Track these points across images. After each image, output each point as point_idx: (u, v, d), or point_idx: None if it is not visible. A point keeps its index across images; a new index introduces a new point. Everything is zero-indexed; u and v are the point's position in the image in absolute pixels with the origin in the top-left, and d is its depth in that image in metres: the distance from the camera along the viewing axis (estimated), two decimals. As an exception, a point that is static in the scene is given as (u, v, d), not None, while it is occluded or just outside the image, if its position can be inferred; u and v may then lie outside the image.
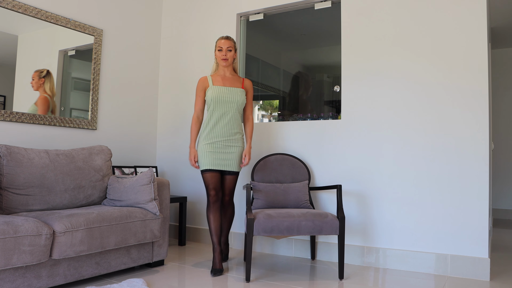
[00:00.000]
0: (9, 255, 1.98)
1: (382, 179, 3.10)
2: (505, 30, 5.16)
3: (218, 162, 2.90)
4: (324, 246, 3.27)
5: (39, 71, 3.07)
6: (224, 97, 2.92)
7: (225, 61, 2.96)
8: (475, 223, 2.79)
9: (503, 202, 5.85)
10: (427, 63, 3.00)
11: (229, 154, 2.92)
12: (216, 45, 2.99)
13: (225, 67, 3.01)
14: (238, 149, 2.96)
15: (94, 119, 3.53)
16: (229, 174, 2.97)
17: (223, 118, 2.92)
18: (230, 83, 2.99)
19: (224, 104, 2.92)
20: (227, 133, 2.92)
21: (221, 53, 2.96)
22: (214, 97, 2.91)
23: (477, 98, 2.83)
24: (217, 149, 2.89)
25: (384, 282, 2.68)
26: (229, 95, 2.94)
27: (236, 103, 2.94)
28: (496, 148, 5.81)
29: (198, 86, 3.01)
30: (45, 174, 2.63)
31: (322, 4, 3.52)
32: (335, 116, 3.61)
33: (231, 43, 2.98)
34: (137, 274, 2.75)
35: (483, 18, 2.84)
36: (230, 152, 2.92)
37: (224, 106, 2.92)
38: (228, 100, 2.93)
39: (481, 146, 2.81)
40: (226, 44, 2.95)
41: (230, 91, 2.95)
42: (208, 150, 2.89)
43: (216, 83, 2.97)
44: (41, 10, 3.13)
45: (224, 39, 2.97)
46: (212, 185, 2.89)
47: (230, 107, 2.94)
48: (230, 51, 2.97)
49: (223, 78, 3.00)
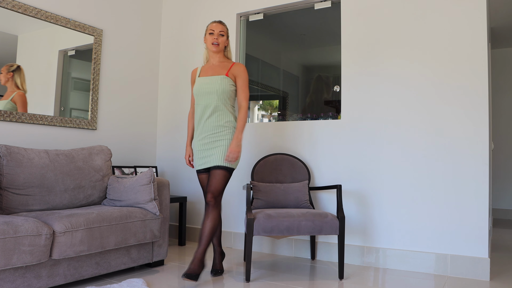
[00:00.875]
0: (9, 255, 1.98)
1: (382, 179, 3.10)
2: (505, 30, 5.16)
3: (204, 161, 2.65)
4: (324, 246, 3.27)
5: (9, 65, 2.96)
6: (203, 89, 2.66)
7: (215, 46, 2.67)
8: (475, 223, 2.79)
9: (503, 202, 5.85)
10: (427, 63, 3.00)
11: (214, 149, 2.61)
12: (207, 29, 2.72)
13: (215, 53, 2.71)
14: (226, 142, 2.61)
15: (94, 119, 3.53)
16: (213, 169, 2.60)
17: (205, 112, 2.64)
18: (214, 72, 2.70)
19: (204, 96, 2.65)
20: (211, 128, 2.63)
21: (212, 36, 2.68)
22: (195, 90, 2.70)
23: (477, 98, 2.83)
24: (203, 146, 2.65)
25: (384, 282, 2.68)
26: (208, 86, 2.65)
27: (216, 93, 2.62)
28: (496, 148, 5.81)
29: (191, 79, 2.84)
30: (45, 174, 2.63)
31: (322, 4, 3.52)
32: (335, 116, 3.61)
33: (224, 27, 2.71)
34: (137, 274, 2.75)
35: (483, 18, 2.84)
36: (215, 147, 2.61)
37: (205, 99, 2.65)
38: (206, 91, 2.65)
39: (481, 146, 2.81)
40: (219, 28, 2.68)
41: (209, 81, 2.66)
42: (197, 148, 2.69)
43: (202, 74, 2.73)
44: (41, 10, 3.13)
45: (217, 22, 2.71)
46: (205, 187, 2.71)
47: (211, 99, 2.63)
48: (222, 36, 2.69)
49: (209, 67, 2.74)
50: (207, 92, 2.65)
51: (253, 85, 4.35)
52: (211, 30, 2.69)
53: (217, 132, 2.62)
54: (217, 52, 2.71)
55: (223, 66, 2.72)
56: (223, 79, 2.64)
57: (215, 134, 2.62)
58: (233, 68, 2.70)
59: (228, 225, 3.73)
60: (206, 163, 2.64)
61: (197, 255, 2.52)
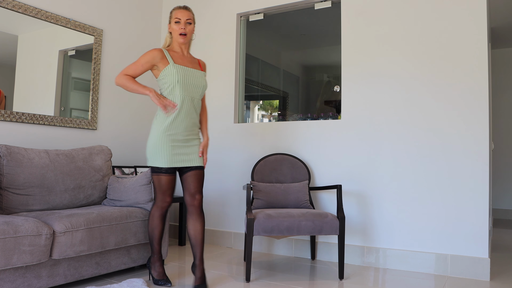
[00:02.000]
0: (9, 255, 1.98)
1: (382, 179, 3.10)
2: (505, 30, 5.15)
3: (182, 158, 2.40)
4: (324, 246, 3.27)
5: None
6: (191, 81, 2.42)
7: (183, 36, 2.43)
8: (475, 223, 2.79)
9: (503, 202, 5.85)
10: (427, 63, 3.00)
11: (192, 148, 2.44)
12: (171, 16, 2.46)
13: (183, 44, 2.48)
14: (199, 142, 2.49)
15: (94, 119, 3.53)
16: (195, 169, 2.43)
17: (191, 106, 2.43)
18: (191, 64, 2.49)
19: (191, 88, 2.43)
20: (191, 125, 2.45)
21: (179, 25, 2.43)
22: (180, 79, 2.38)
23: (477, 98, 2.83)
24: (182, 143, 2.40)
25: (384, 282, 2.68)
26: (197, 79, 2.45)
27: (202, 88, 2.48)
28: (496, 148, 5.81)
29: (146, 56, 2.40)
30: (45, 174, 2.63)
31: (322, 4, 3.52)
32: (335, 116, 3.61)
33: (191, 14, 2.47)
34: (137, 274, 2.75)
35: (483, 18, 2.84)
36: (193, 145, 2.45)
37: (191, 91, 2.43)
38: (195, 84, 2.44)
39: (481, 146, 2.81)
40: (185, 15, 2.43)
41: (195, 73, 2.46)
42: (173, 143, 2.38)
43: (179, 62, 2.44)
44: (41, 10, 3.13)
45: (182, 9, 2.46)
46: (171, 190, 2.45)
47: (197, 93, 2.46)
48: (190, 24, 2.46)
49: (183, 57, 2.49)
50: (195, 85, 2.45)
51: (253, 85, 4.35)
52: (177, 19, 2.43)
53: (193, 130, 2.47)
54: (185, 43, 2.48)
55: (194, 60, 2.55)
56: (204, 75, 2.53)
57: (192, 132, 2.46)
58: (202, 64, 2.59)
59: (228, 225, 3.73)
60: (184, 161, 2.40)
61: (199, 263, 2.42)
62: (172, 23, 2.45)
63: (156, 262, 2.53)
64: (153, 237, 2.50)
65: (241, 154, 3.70)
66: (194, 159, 2.43)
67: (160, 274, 2.52)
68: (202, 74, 2.51)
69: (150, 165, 2.41)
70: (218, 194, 3.81)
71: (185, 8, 2.47)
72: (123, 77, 2.39)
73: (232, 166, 3.74)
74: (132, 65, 2.41)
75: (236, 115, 3.80)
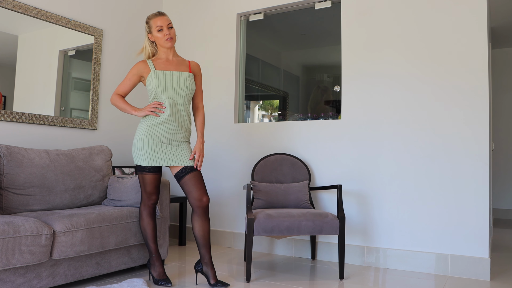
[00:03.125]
0: (10, 255, 1.98)
1: (382, 179, 3.10)
2: (505, 30, 5.16)
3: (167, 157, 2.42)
4: (324, 246, 3.27)
5: None
6: (171, 84, 2.44)
7: (170, 40, 2.46)
8: (475, 223, 2.79)
9: (503, 202, 5.85)
10: (427, 63, 3.00)
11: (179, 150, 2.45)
12: (151, 26, 2.47)
13: (170, 48, 2.51)
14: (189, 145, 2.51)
15: (94, 119, 3.53)
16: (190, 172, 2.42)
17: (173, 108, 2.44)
18: (175, 67, 2.51)
19: (170, 91, 2.43)
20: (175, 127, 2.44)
21: (162, 33, 2.44)
22: (159, 84, 2.41)
23: (477, 98, 2.83)
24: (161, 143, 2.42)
25: (384, 282, 2.68)
26: (176, 80, 2.46)
27: (185, 89, 2.46)
28: (496, 148, 5.81)
29: (132, 70, 2.49)
30: (45, 174, 2.63)
31: (322, 4, 3.52)
32: (335, 116, 3.61)
33: (169, 18, 2.49)
34: (137, 274, 2.75)
35: (483, 18, 2.84)
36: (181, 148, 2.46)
37: (171, 94, 2.43)
38: (174, 86, 2.44)
39: (481, 146, 2.81)
40: (165, 21, 2.45)
41: (177, 75, 2.46)
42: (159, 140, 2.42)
43: (159, 67, 2.47)
44: (41, 10, 3.13)
45: (159, 15, 2.47)
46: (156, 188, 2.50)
47: (179, 95, 2.46)
48: (171, 28, 2.48)
49: (166, 62, 2.51)
50: (175, 87, 2.45)
51: (253, 85, 4.35)
52: (159, 27, 2.44)
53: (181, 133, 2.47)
54: (172, 46, 2.50)
55: (181, 63, 2.56)
56: (191, 76, 2.51)
57: (180, 135, 2.46)
58: (192, 65, 2.59)
59: (228, 225, 3.73)
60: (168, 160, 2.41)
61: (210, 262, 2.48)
62: (154, 32, 2.47)
63: (155, 262, 2.53)
64: (147, 236, 2.53)
65: (241, 154, 3.70)
66: (182, 159, 2.42)
67: (160, 274, 2.52)
68: (187, 75, 2.49)
69: (135, 163, 2.49)
70: (218, 194, 3.81)
71: (162, 14, 2.48)
72: (114, 97, 2.52)
73: (232, 166, 3.74)
74: (122, 82, 2.53)
75: (236, 115, 3.81)
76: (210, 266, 2.48)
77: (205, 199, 2.43)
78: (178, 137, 2.46)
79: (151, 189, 2.49)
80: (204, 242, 2.47)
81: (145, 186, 2.48)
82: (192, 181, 2.42)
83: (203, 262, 2.48)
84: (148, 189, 2.48)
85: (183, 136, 2.49)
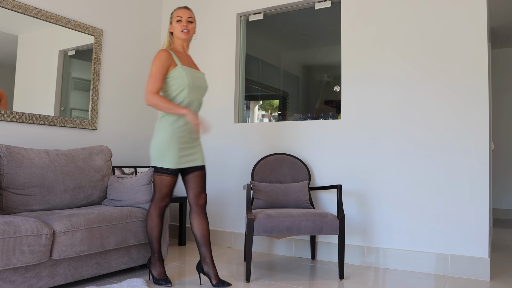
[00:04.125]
0: (9, 255, 1.98)
1: (382, 179, 3.10)
2: (505, 30, 5.16)
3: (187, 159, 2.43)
4: (324, 246, 3.27)
5: None
6: (197, 83, 2.45)
7: (186, 33, 2.45)
8: (475, 222, 2.79)
9: (503, 202, 5.85)
10: (427, 63, 3.00)
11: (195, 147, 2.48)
12: (172, 17, 2.50)
13: (186, 40, 2.50)
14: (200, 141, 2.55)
15: (94, 119, 3.53)
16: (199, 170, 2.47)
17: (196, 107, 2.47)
18: (194, 65, 2.54)
19: (197, 90, 2.45)
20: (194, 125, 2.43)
21: (180, 24, 2.45)
22: (190, 82, 2.39)
23: (477, 98, 2.83)
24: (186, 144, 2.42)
25: (384, 282, 2.68)
26: (201, 81, 2.49)
27: (205, 90, 2.53)
28: (496, 148, 5.81)
29: (158, 62, 2.35)
30: (45, 174, 2.63)
31: (322, 4, 3.52)
32: (335, 116, 3.61)
33: (192, 14, 2.51)
34: (137, 274, 2.75)
35: (483, 18, 2.84)
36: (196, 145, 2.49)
37: (196, 93, 2.45)
38: (200, 86, 2.48)
39: (481, 146, 2.81)
40: (186, 14, 2.47)
41: (200, 75, 2.50)
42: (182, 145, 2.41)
43: (184, 63, 2.45)
44: (41, 10, 3.13)
45: (183, 8, 2.50)
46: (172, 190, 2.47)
47: (200, 95, 2.49)
48: (191, 23, 2.49)
49: (186, 58, 2.51)
50: (201, 87, 2.48)
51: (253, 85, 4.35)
52: (178, 17, 2.46)
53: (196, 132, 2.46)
54: (187, 39, 2.50)
55: (193, 62, 2.58)
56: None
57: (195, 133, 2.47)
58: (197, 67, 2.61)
59: (228, 225, 3.73)
60: (189, 161, 2.43)
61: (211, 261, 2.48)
62: (173, 22, 2.49)
63: (156, 262, 2.53)
64: (153, 236, 2.50)
65: (241, 154, 3.70)
66: (198, 158, 2.47)
67: (161, 273, 2.52)
68: (204, 75, 2.55)
69: (155, 165, 2.40)
70: (218, 194, 3.81)
71: (186, 8, 2.52)
72: (155, 97, 2.33)
73: (232, 166, 3.74)
74: (151, 79, 2.35)
75: (236, 115, 3.81)
76: (212, 265, 2.47)
77: (203, 196, 2.49)
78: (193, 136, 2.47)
79: (168, 191, 2.44)
80: (204, 240, 2.47)
81: (162, 188, 2.42)
82: (197, 178, 2.47)
83: (204, 262, 2.48)
84: (165, 191, 2.43)
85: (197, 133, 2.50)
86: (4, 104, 2.92)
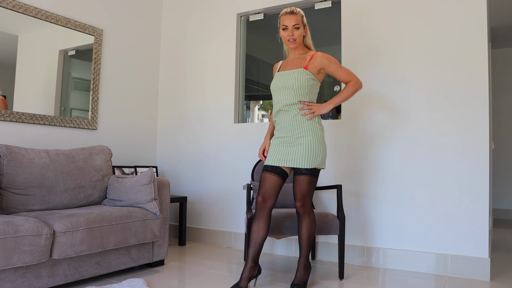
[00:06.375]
0: (9, 255, 1.98)
1: (383, 179, 3.10)
2: (505, 30, 5.16)
3: (277, 158, 2.36)
4: (324, 246, 3.27)
5: None
6: (278, 84, 2.42)
7: (292, 42, 2.39)
8: (475, 223, 2.79)
9: (503, 202, 5.85)
10: (427, 63, 3.00)
11: (295, 148, 2.34)
12: (279, 23, 2.42)
13: (294, 49, 2.45)
14: (306, 140, 2.33)
15: (94, 119, 3.53)
16: (300, 175, 2.35)
17: (281, 109, 2.40)
18: (293, 65, 2.44)
19: (279, 92, 2.41)
20: (288, 126, 2.37)
21: (286, 32, 2.38)
22: (272, 87, 2.47)
23: (477, 98, 2.83)
24: (280, 143, 2.39)
25: (384, 282, 2.68)
26: (284, 80, 2.39)
27: (292, 88, 2.35)
28: (496, 148, 5.81)
29: (273, 74, 2.58)
30: (45, 174, 2.63)
31: (322, 4, 3.52)
32: (335, 116, 3.61)
33: (298, 18, 2.38)
34: (137, 274, 2.75)
35: (483, 18, 2.84)
36: (297, 145, 2.34)
37: (279, 94, 2.40)
38: (281, 86, 2.40)
39: (481, 146, 2.81)
40: (292, 21, 2.35)
41: (286, 75, 2.40)
42: (273, 143, 2.44)
43: (281, 69, 2.49)
44: (41, 10, 3.13)
45: (289, 14, 2.38)
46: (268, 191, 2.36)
47: (288, 94, 2.37)
48: (298, 29, 2.38)
49: (290, 62, 2.47)
50: (283, 87, 2.39)
51: (253, 85, 4.35)
52: (284, 26, 2.38)
53: (296, 130, 2.35)
54: (296, 47, 2.44)
55: (302, 58, 2.43)
56: (301, 73, 2.35)
57: (293, 133, 2.35)
58: (315, 59, 2.39)
59: (228, 225, 3.73)
60: (279, 160, 2.34)
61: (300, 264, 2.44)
62: (280, 30, 2.43)
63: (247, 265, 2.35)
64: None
65: (241, 154, 3.70)
66: (294, 159, 2.32)
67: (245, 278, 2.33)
68: (295, 72, 2.37)
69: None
70: (218, 194, 3.81)
71: (291, 13, 2.39)
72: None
73: (232, 166, 3.74)
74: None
75: (236, 115, 3.81)
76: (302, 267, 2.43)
77: (298, 204, 2.39)
78: (293, 135, 2.39)
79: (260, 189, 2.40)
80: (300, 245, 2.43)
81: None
82: (296, 183, 2.39)
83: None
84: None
85: (299, 132, 2.39)
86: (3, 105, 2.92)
